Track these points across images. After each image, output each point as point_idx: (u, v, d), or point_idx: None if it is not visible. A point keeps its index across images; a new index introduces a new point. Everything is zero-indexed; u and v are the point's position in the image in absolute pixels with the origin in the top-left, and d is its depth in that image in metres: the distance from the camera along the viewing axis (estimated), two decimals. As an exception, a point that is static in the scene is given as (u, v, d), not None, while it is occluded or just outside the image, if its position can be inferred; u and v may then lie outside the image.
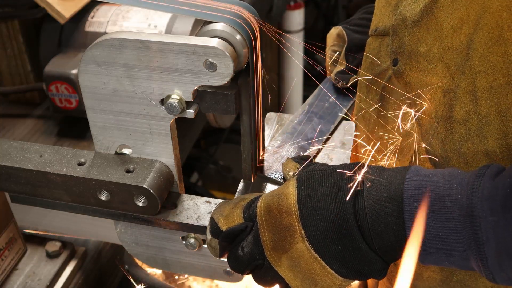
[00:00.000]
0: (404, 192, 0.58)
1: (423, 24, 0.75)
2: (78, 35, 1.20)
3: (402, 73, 0.79)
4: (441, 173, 0.59)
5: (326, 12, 3.17)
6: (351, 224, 0.59)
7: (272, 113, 0.94)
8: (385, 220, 0.58)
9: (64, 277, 0.93)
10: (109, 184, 0.71)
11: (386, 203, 0.58)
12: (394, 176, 0.60)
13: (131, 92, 0.69)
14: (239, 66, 0.67)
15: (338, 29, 1.02)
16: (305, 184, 0.64)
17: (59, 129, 1.22)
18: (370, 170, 0.62)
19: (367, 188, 0.60)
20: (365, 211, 0.59)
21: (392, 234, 0.59)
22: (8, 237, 0.90)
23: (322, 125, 0.88)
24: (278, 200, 0.64)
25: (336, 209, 0.60)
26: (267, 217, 0.64)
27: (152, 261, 0.84)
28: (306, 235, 0.61)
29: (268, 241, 0.63)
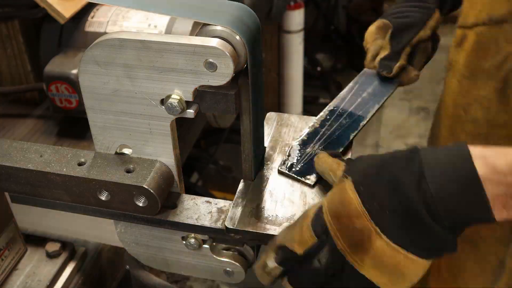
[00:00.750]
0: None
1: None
2: (78, 35, 1.20)
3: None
4: None
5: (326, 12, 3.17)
6: (421, 212, 0.60)
7: (272, 113, 0.94)
8: (452, 200, 0.59)
9: (64, 277, 0.93)
10: (109, 184, 0.71)
11: (450, 184, 0.59)
12: (450, 155, 0.61)
13: (131, 92, 0.69)
14: (239, 66, 0.67)
15: (377, 22, 1.01)
16: (363, 184, 0.64)
17: (59, 129, 1.22)
18: (426, 153, 0.62)
19: (428, 173, 0.60)
20: (431, 195, 0.60)
21: (461, 212, 0.60)
22: (8, 237, 0.90)
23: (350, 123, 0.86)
24: (343, 208, 0.63)
25: (403, 200, 0.61)
26: (338, 226, 0.64)
27: (152, 261, 0.84)
28: (382, 231, 0.62)
29: (347, 247, 0.63)
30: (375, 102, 0.92)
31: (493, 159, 0.60)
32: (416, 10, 1.00)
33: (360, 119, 0.87)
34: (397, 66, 0.94)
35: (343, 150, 0.82)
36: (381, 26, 1.00)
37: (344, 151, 0.82)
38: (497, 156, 0.60)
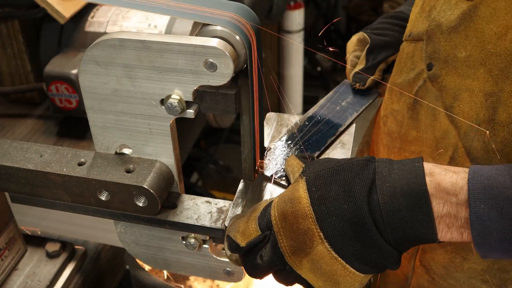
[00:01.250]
0: (469, 192, 0.58)
1: (460, 30, 0.77)
2: (78, 35, 1.20)
3: (438, 77, 0.81)
4: (506, 172, 0.59)
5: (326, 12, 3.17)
6: (368, 221, 0.60)
7: (272, 113, 0.94)
8: (399, 215, 0.59)
9: (64, 277, 0.93)
10: (109, 184, 0.71)
11: (400, 198, 0.59)
12: (404, 169, 0.61)
13: (131, 92, 0.69)
14: (239, 66, 0.67)
15: (358, 34, 1.03)
16: (315, 185, 0.63)
17: (59, 129, 1.22)
18: (380, 165, 0.62)
19: (379, 184, 0.60)
20: (379, 207, 0.60)
21: (407, 228, 0.59)
22: (8, 237, 0.90)
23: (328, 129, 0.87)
24: (292, 206, 0.63)
25: (351, 208, 0.61)
26: (283, 224, 0.64)
27: (152, 261, 0.84)
28: (325, 237, 0.62)
29: (287, 247, 0.64)
30: (354, 110, 0.92)
31: (440, 177, 0.60)
32: (396, 29, 1.01)
33: (338, 126, 0.87)
34: (370, 80, 0.96)
35: (319, 155, 0.83)
36: (361, 39, 1.02)
37: (320, 155, 0.83)
38: (444, 174, 0.60)
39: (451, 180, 0.60)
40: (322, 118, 0.89)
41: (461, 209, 0.59)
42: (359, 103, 0.94)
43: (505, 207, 0.56)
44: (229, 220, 0.72)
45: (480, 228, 0.58)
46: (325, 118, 0.89)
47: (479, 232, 0.58)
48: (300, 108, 2.68)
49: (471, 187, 0.58)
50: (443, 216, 0.59)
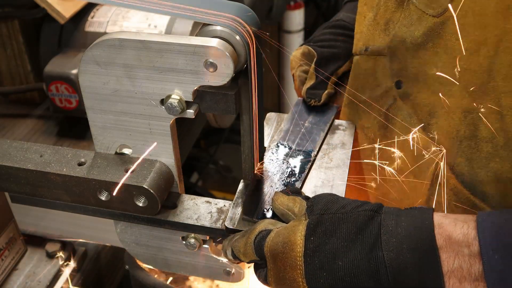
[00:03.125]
0: (481, 243, 0.56)
1: (429, 47, 0.75)
2: (78, 35, 1.20)
3: (409, 94, 0.79)
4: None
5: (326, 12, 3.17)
6: (362, 281, 0.58)
7: (272, 113, 0.94)
8: (405, 272, 0.57)
9: (64, 277, 0.93)
10: (109, 184, 0.71)
11: (407, 254, 0.57)
12: (411, 223, 0.59)
13: (131, 92, 0.69)
14: (239, 66, 0.67)
15: (301, 48, 0.98)
16: (315, 233, 0.61)
17: (59, 129, 1.22)
18: (386, 217, 0.60)
19: (385, 239, 0.58)
20: (385, 264, 0.57)
21: (413, 285, 0.57)
22: (8, 237, 0.90)
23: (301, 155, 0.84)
24: (283, 251, 0.62)
25: (346, 265, 0.58)
26: (272, 266, 0.63)
27: (152, 261, 0.84)
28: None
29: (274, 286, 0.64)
30: (319, 130, 0.89)
31: (450, 228, 0.58)
32: (341, 39, 0.97)
33: (310, 151, 0.84)
34: (325, 94, 0.92)
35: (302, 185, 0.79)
36: (306, 53, 0.97)
37: (302, 186, 0.79)
38: (454, 225, 0.58)
39: (462, 231, 0.57)
40: (292, 145, 0.86)
41: (475, 261, 0.56)
42: (322, 121, 0.91)
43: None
44: (229, 221, 0.72)
45: (496, 279, 0.55)
46: (294, 143, 0.86)
47: (494, 283, 0.55)
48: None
49: (482, 237, 0.56)
50: (453, 271, 0.57)
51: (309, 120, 0.91)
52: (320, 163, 0.83)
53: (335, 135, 0.89)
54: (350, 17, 1.00)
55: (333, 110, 0.94)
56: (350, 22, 0.99)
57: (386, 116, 0.84)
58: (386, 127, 0.85)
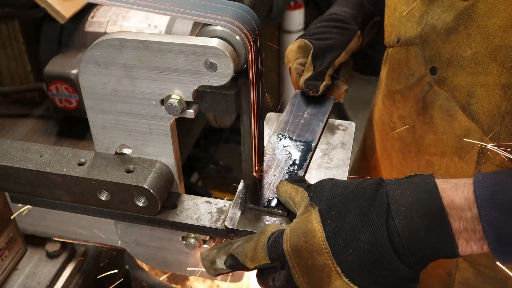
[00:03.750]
0: (477, 201, 0.58)
1: (460, 30, 0.77)
2: (78, 35, 1.20)
3: (445, 79, 0.82)
4: (509, 175, 0.59)
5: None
6: (387, 250, 0.59)
7: (272, 113, 0.94)
8: (418, 237, 0.58)
9: (64, 277, 0.93)
10: (109, 184, 0.71)
11: (417, 220, 0.58)
12: (416, 190, 0.60)
13: (131, 92, 0.69)
14: (239, 66, 0.67)
15: (297, 41, 1.00)
16: (329, 216, 0.62)
17: (59, 129, 1.22)
18: (391, 188, 0.61)
19: (394, 208, 0.59)
20: (398, 232, 0.59)
21: (427, 248, 0.59)
22: (8, 237, 0.90)
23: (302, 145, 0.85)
24: (306, 240, 0.62)
25: (369, 238, 0.59)
26: (298, 260, 0.62)
27: (152, 261, 0.84)
28: (342, 271, 0.60)
29: (304, 283, 0.62)
30: (318, 121, 0.90)
31: (452, 194, 0.60)
32: (336, 31, 0.99)
33: (310, 141, 0.86)
34: (323, 85, 0.94)
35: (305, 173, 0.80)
36: (302, 46, 0.98)
37: (305, 174, 0.80)
38: (455, 190, 0.60)
39: (463, 195, 0.59)
40: (292, 135, 0.87)
41: (478, 223, 0.58)
42: (320, 112, 0.92)
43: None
44: (229, 221, 0.72)
45: (496, 235, 0.57)
46: (294, 134, 0.87)
47: (495, 239, 0.57)
48: (300, 108, 2.67)
49: (478, 196, 0.58)
50: (461, 232, 0.59)
51: (307, 111, 0.93)
52: (320, 163, 0.83)
53: (335, 135, 0.89)
54: (344, 10, 1.02)
55: (330, 101, 0.96)
56: (344, 15, 1.01)
57: (424, 102, 0.86)
58: (425, 113, 0.87)
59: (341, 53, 0.97)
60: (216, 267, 0.69)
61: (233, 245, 0.68)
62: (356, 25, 1.00)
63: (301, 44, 0.98)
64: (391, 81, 0.94)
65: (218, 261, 0.69)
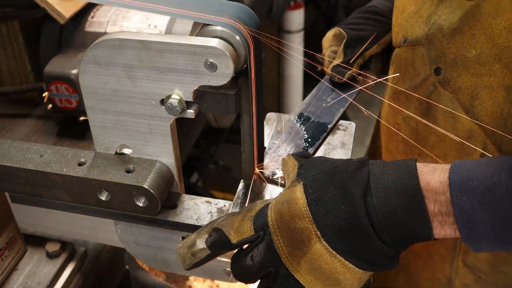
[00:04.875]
0: (451, 186, 0.59)
1: (465, 31, 0.77)
2: (78, 35, 1.20)
3: (449, 80, 0.82)
4: (486, 163, 0.60)
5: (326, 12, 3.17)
6: (364, 222, 0.60)
7: (272, 113, 0.94)
8: (395, 215, 0.59)
9: (64, 278, 0.93)
10: (109, 184, 0.71)
11: (394, 199, 0.60)
12: (397, 170, 0.62)
13: (131, 92, 0.69)
14: (239, 66, 0.67)
15: (334, 30, 1.02)
16: (312, 187, 0.63)
17: (59, 129, 1.22)
18: (374, 167, 0.63)
19: (374, 186, 0.61)
20: (375, 209, 0.60)
21: (403, 227, 0.60)
22: (8, 237, 0.90)
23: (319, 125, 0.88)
24: (288, 206, 0.63)
25: (348, 209, 0.61)
26: (280, 224, 0.63)
27: (152, 261, 0.84)
28: (322, 235, 0.62)
29: (284, 248, 0.63)
30: (340, 106, 0.93)
31: (429, 177, 0.60)
32: (371, 23, 1.01)
33: (327, 123, 0.88)
34: (348, 73, 0.95)
35: (314, 151, 0.83)
36: (337, 34, 1.01)
37: (315, 152, 0.83)
38: (432, 173, 0.61)
39: (439, 179, 0.60)
40: (311, 116, 0.90)
41: (451, 206, 0.59)
42: (344, 98, 0.95)
43: (486, 197, 0.57)
44: None
45: (465, 220, 0.58)
46: (314, 115, 0.90)
47: (464, 224, 0.58)
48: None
49: (452, 180, 0.59)
50: (435, 215, 0.60)
51: (331, 96, 0.96)
52: (320, 163, 0.83)
53: (335, 135, 0.89)
54: (384, 4, 1.04)
55: (355, 89, 0.97)
56: (383, 9, 1.03)
57: (428, 103, 0.87)
58: (428, 114, 0.88)
59: (373, 46, 0.99)
60: (194, 249, 0.67)
61: (216, 221, 0.68)
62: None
63: (336, 33, 1.01)
64: (396, 81, 0.95)
65: (198, 241, 0.67)
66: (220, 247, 0.66)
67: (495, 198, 0.57)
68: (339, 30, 1.01)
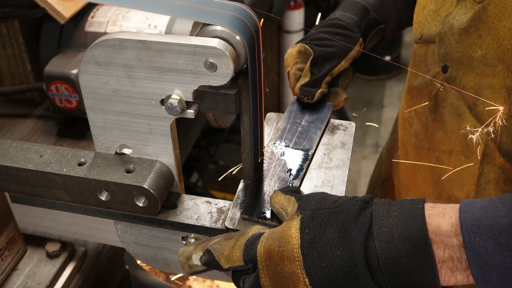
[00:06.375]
0: (462, 227, 0.56)
1: (472, 32, 0.79)
2: (78, 35, 1.21)
3: (455, 78, 0.83)
4: (499, 201, 0.57)
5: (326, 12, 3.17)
6: (362, 270, 0.57)
7: (272, 113, 0.94)
8: (398, 262, 0.56)
9: (64, 277, 0.93)
10: (109, 184, 0.72)
11: (398, 244, 0.56)
12: (403, 212, 0.59)
13: (131, 92, 0.69)
14: (239, 66, 0.67)
15: (297, 46, 0.98)
16: (310, 226, 0.60)
17: (59, 129, 1.22)
18: (378, 207, 0.60)
19: (376, 229, 0.58)
20: (376, 254, 0.57)
21: (406, 275, 0.56)
22: (8, 237, 0.90)
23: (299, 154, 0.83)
24: (279, 245, 0.60)
25: (345, 255, 0.58)
26: (267, 263, 0.61)
27: (152, 261, 0.84)
28: (311, 283, 0.59)
29: (269, 286, 0.61)
30: (316, 128, 0.88)
31: (439, 220, 0.57)
32: (338, 38, 0.97)
33: (308, 149, 0.84)
34: (318, 93, 0.92)
35: (300, 183, 0.78)
36: (302, 51, 0.97)
37: (300, 184, 0.78)
38: (442, 216, 0.58)
39: (450, 221, 0.57)
40: (289, 143, 0.85)
41: (463, 250, 0.56)
42: (318, 119, 0.90)
43: (501, 237, 0.54)
44: (229, 221, 0.72)
45: (479, 264, 0.55)
46: (291, 142, 0.85)
47: (478, 269, 0.55)
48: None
49: (463, 221, 0.56)
50: (445, 261, 0.57)
51: (305, 118, 0.91)
52: (320, 163, 0.83)
53: (335, 135, 0.89)
54: (347, 16, 1.01)
55: (329, 108, 0.94)
56: (347, 21, 0.99)
57: (436, 100, 0.88)
58: (436, 110, 0.89)
59: (341, 62, 0.96)
60: (191, 263, 0.68)
61: (211, 241, 0.67)
62: (358, 33, 0.99)
63: (301, 49, 0.96)
64: (411, 76, 0.96)
65: (194, 256, 0.67)
66: (213, 267, 0.66)
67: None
68: (304, 47, 0.96)
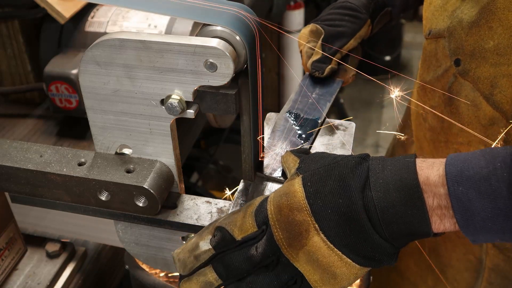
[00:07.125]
0: (447, 177, 0.59)
1: (482, 24, 0.81)
2: (78, 35, 1.21)
3: (469, 71, 0.85)
4: (481, 154, 0.60)
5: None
6: (362, 217, 0.60)
7: (272, 113, 0.94)
8: (393, 210, 0.60)
9: (64, 277, 0.93)
10: (109, 184, 0.72)
11: (393, 194, 0.60)
12: (396, 165, 0.62)
13: (131, 92, 0.69)
14: (239, 66, 0.67)
15: (309, 26, 1.04)
16: (311, 180, 0.64)
17: (59, 129, 1.22)
18: (374, 162, 0.63)
19: (373, 180, 0.61)
20: (374, 203, 0.60)
21: (401, 222, 0.60)
22: (8, 237, 0.90)
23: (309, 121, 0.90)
24: (287, 199, 0.64)
25: (346, 202, 0.61)
26: (279, 217, 0.64)
27: (152, 261, 0.84)
28: (320, 228, 0.62)
29: (283, 239, 0.63)
30: (325, 101, 0.95)
31: (428, 171, 0.61)
32: (347, 19, 1.04)
33: (317, 118, 0.90)
34: (328, 68, 0.98)
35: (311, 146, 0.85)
36: (313, 30, 1.03)
37: (311, 146, 0.85)
38: (431, 168, 0.61)
39: (437, 173, 0.61)
40: (300, 112, 0.92)
41: (449, 199, 0.60)
42: (328, 93, 0.97)
43: (481, 186, 0.57)
44: None
45: (462, 210, 0.59)
46: (302, 111, 0.92)
47: (461, 215, 0.59)
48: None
49: (448, 172, 0.60)
50: (434, 209, 0.60)
51: (316, 92, 0.98)
52: (320, 163, 0.83)
53: (335, 135, 0.89)
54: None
55: (338, 83, 1.00)
56: (356, 3, 1.06)
57: (450, 93, 0.90)
58: (451, 104, 0.91)
59: (350, 41, 1.02)
60: (197, 252, 0.67)
61: (217, 221, 0.68)
62: (366, 14, 1.05)
63: (313, 29, 1.03)
64: (422, 72, 0.98)
65: (201, 243, 0.67)
66: (224, 246, 0.66)
67: (490, 186, 0.57)
68: (315, 26, 1.03)
